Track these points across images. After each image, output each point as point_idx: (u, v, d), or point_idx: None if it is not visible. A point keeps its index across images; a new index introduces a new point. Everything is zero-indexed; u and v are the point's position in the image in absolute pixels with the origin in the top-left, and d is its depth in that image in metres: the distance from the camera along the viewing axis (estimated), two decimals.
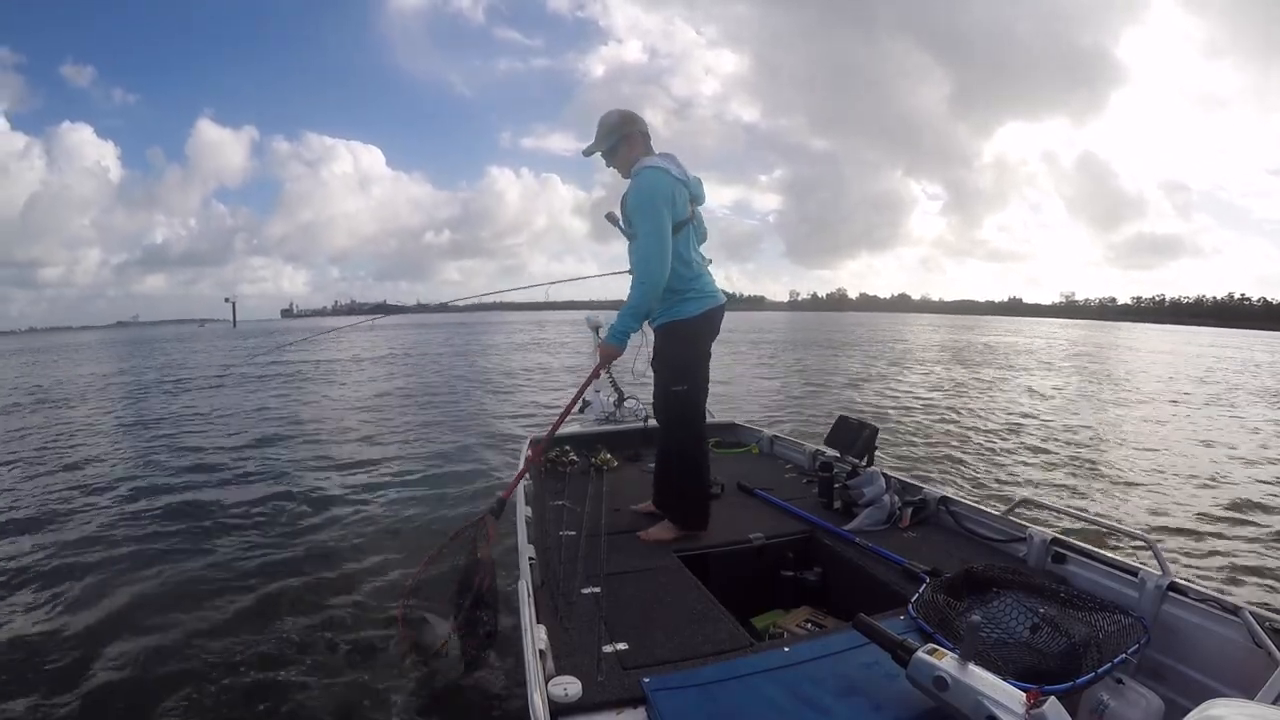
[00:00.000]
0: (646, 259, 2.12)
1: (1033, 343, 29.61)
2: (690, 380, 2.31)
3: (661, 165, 2.22)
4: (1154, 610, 1.59)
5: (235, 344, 32.40)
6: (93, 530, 4.29)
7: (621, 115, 2.34)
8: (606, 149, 2.36)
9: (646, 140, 2.36)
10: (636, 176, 2.22)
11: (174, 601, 3.19)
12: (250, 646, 2.74)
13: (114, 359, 24.31)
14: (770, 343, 25.53)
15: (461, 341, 27.01)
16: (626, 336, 2.21)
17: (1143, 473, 5.82)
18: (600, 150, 2.37)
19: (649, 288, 2.14)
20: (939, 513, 2.37)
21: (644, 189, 2.16)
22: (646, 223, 2.13)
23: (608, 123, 2.33)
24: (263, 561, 3.69)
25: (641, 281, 2.14)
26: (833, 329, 41.31)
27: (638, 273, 2.16)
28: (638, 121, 2.34)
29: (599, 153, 2.38)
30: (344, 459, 6.20)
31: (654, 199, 2.14)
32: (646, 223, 2.13)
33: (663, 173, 2.19)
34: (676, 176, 2.22)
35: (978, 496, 4.53)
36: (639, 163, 2.26)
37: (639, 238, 2.15)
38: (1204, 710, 0.85)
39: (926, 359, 18.40)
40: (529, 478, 2.74)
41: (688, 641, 1.58)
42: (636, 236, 2.17)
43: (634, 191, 2.20)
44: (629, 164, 2.32)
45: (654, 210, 2.13)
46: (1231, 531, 4.25)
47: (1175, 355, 24.09)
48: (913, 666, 1.22)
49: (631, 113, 2.36)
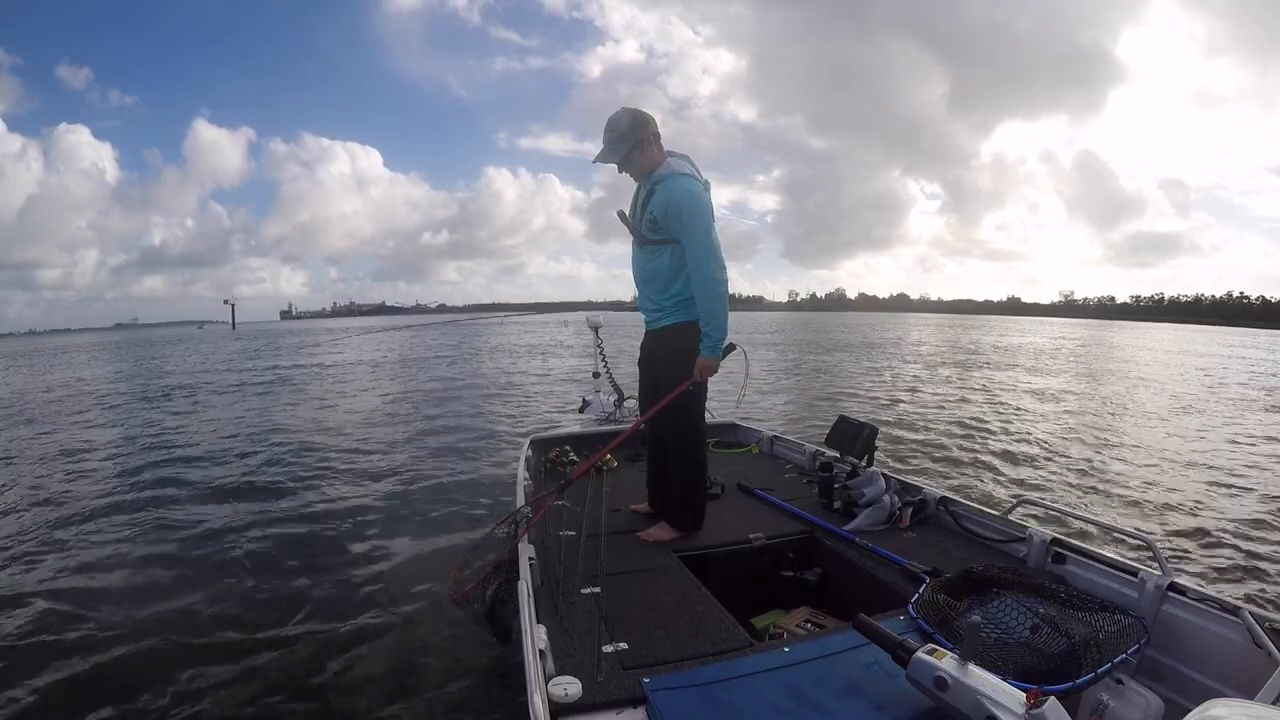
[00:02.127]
0: (717, 270, 2.15)
1: (1036, 342, 29.54)
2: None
3: (692, 173, 2.22)
4: (1154, 610, 1.59)
5: (244, 346, 32.25)
6: (102, 542, 4.29)
7: (633, 118, 2.22)
8: (620, 159, 2.25)
9: (659, 140, 2.27)
10: (671, 184, 2.17)
11: (182, 590, 3.19)
12: (250, 647, 2.75)
13: (117, 361, 24.10)
14: (771, 344, 25.26)
15: (469, 342, 26.86)
16: (721, 346, 2.22)
17: (1142, 473, 5.82)
18: (613, 161, 2.26)
19: (724, 295, 2.17)
20: (939, 513, 2.37)
21: (690, 200, 2.15)
22: (703, 234, 2.14)
23: (618, 128, 2.20)
24: (264, 564, 3.69)
25: (718, 292, 2.15)
26: (837, 329, 41.19)
27: (712, 284, 2.15)
28: (650, 123, 2.23)
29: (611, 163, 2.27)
30: (354, 463, 6.20)
31: (704, 211, 2.17)
32: (703, 234, 2.14)
33: (701, 185, 2.20)
34: (704, 184, 2.24)
35: (978, 496, 4.53)
36: (665, 167, 2.21)
37: (699, 249, 2.14)
38: (1204, 710, 0.85)
39: (934, 360, 18.30)
40: (529, 478, 2.75)
41: (688, 641, 1.58)
42: (687, 247, 2.16)
43: (674, 199, 2.15)
44: (647, 169, 2.25)
45: (707, 222, 2.16)
46: (1232, 531, 4.24)
47: (1184, 355, 23.96)
48: (913, 667, 1.22)
49: (643, 113, 2.24)
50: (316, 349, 25.85)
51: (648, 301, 2.36)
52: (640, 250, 2.32)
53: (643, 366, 2.49)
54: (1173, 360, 20.74)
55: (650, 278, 2.30)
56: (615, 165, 2.27)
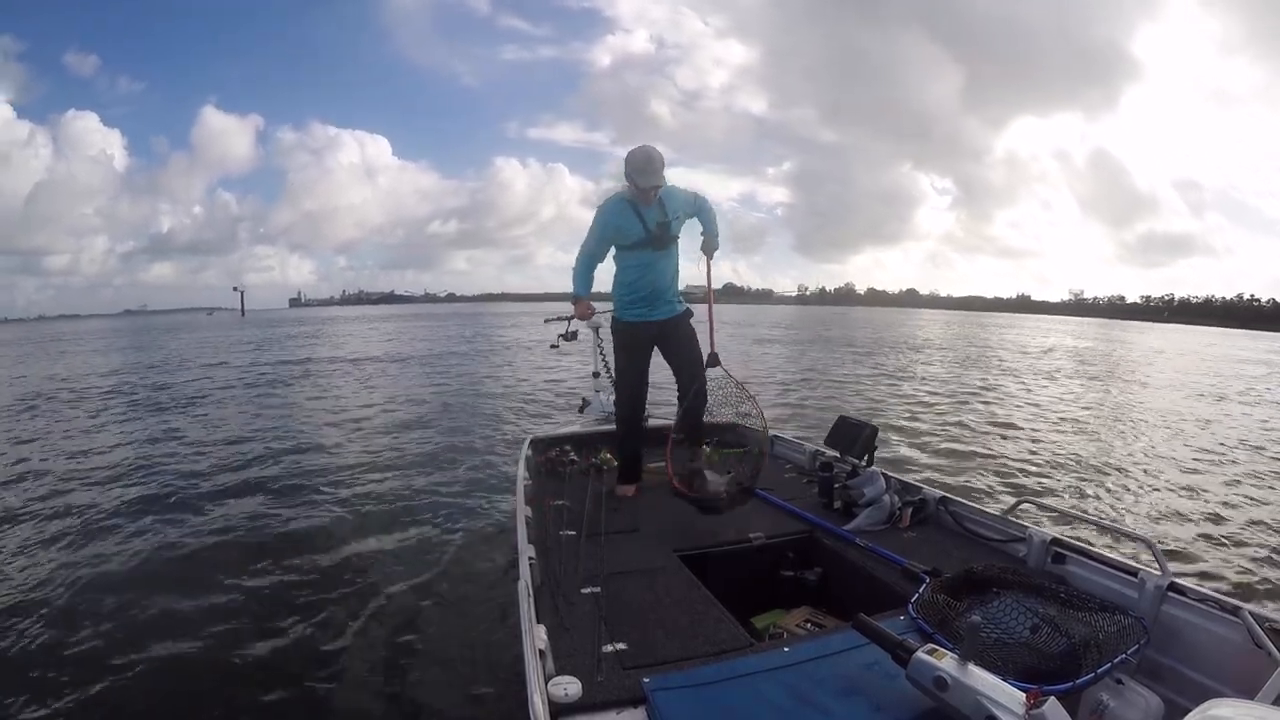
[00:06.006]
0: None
1: (1047, 340, 29.37)
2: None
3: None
4: (1154, 610, 1.59)
5: (262, 333, 32.11)
6: (109, 536, 4.29)
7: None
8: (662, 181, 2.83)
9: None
10: (672, 189, 2.85)
11: (185, 590, 3.19)
12: (243, 644, 2.74)
13: (128, 349, 23.78)
14: (775, 340, 24.58)
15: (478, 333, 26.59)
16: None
17: (1143, 472, 5.82)
18: (661, 184, 2.79)
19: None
20: (939, 513, 2.37)
21: (694, 195, 2.93)
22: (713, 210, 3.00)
23: (658, 160, 2.74)
24: (264, 564, 3.69)
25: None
26: (850, 325, 40.97)
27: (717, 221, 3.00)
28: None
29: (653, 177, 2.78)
30: (352, 460, 6.20)
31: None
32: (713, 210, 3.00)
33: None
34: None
35: (978, 496, 4.53)
36: (661, 188, 2.83)
37: (715, 220, 2.97)
38: (1204, 710, 0.85)
39: (947, 356, 18.11)
40: (528, 478, 2.75)
41: (688, 641, 1.58)
42: (709, 207, 2.97)
43: (684, 193, 2.90)
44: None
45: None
46: (1232, 531, 4.25)
47: (1197, 357, 23.75)
48: (913, 667, 1.22)
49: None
50: (321, 339, 25.63)
51: (668, 294, 2.92)
52: (662, 253, 2.86)
53: (667, 349, 2.95)
54: (1180, 363, 20.63)
55: (673, 273, 2.94)
56: (657, 184, 2.79)
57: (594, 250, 2.91)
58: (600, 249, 2.91)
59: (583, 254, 2.92)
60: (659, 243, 2.83)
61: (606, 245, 2.89)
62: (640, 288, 2.87)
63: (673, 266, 2.93)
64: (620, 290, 2.92)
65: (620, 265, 2.90)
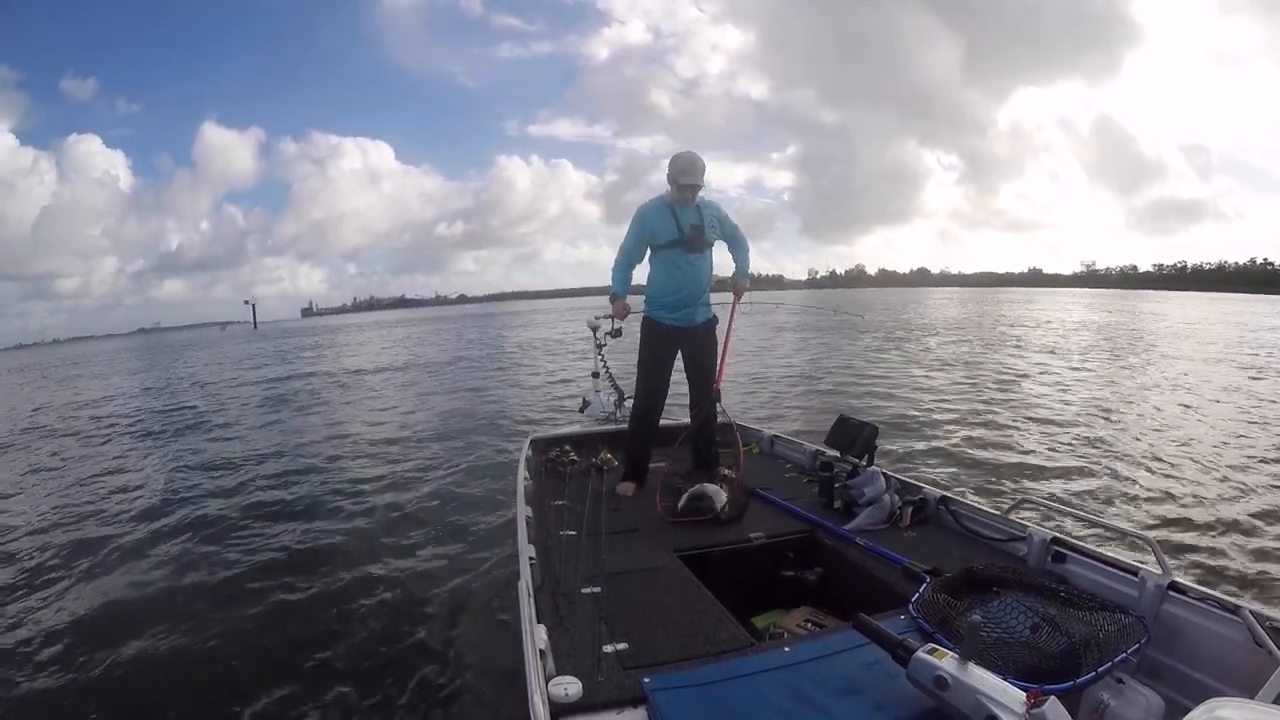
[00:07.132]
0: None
1: (1047, 316, 28.92)
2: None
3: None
4: (1154, 610, 1.58)
5: (274, 345, 31.94)
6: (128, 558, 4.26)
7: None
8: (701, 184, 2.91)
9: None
10: (709, 201, 2.96)
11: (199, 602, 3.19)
12: (243, 643, 2.75)
13: (139, 371, 23.47)
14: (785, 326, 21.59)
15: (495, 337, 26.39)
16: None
17: (1143, 472, 5.80)
18: (701, 184, 2.88)
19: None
20: (939, 512, 2.36)
21: (735, 224, 3.03)
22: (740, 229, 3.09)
23: (700, 166, 2.85)
24: (266, 567, 3.69)
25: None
26: (866, 306, 40.37)
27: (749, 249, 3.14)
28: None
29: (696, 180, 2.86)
30: (357, 468, 6.19)
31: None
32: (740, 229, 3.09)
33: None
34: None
35: (977, 495, 4.52)
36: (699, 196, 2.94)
37: (740, 232, 3.06)
38: (1205, 710, 0.84)
39: (948, 340, 17.71)
40: (529, 478, 2.75)
41: (688, 641, 1.58)
42: (738, 232, 3.06)
43: (720, 209, 2.99)
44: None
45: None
46: (1232, 531, 4.23)
47: (1197, 326, 22.80)
48: (913, 666, 1.22)
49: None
50: (337, 349, 25.36)
51: (700, 298, 2.96)
52: (699, 256, 2.92)
53: (688, 356, 2.99)
54: (1193, 330, 20.01)
55: (708, 276, 2.99)
56: (697, 184, 2.86)
57: (631, 249, 2.97)
58: (638, 248, 2.97)
59: (621, 254, 2.99)
60: (692, 245, 2.87)
61: (643, 245, 2.95)
62: (671, 289, 2.91)
63: (706, 271, 2.97)
64: (653, 289, 2.97)
65: (654, 265, 2.95)
